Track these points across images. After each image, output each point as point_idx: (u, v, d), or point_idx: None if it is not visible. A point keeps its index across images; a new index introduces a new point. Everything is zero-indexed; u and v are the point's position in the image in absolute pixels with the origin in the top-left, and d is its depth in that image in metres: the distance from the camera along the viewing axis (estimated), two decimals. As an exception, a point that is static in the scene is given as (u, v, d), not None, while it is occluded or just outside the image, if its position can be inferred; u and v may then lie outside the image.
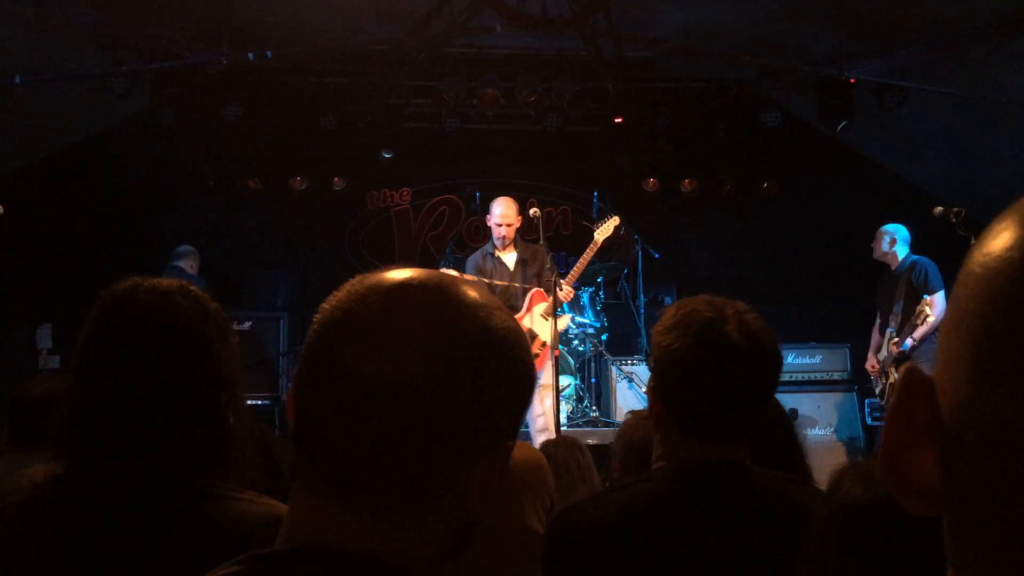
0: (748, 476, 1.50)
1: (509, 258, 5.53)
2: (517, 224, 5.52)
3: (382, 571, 0.73)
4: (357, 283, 0.78)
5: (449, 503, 0.76)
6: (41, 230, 7.30)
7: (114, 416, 1.21)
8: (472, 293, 0.79)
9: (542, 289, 5.41)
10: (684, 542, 1.42)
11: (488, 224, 5.59)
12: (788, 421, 2.13)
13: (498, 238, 5.46)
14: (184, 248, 7.02)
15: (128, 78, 6.44)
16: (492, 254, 5.55)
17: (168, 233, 7.57)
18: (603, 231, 5.68)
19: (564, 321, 5.37)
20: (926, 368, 0.48)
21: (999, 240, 0.45)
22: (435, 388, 0.72)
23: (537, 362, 5.20)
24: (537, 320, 5.33)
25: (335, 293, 0.79)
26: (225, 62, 6.28)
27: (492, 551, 1.57)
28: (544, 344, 5.25)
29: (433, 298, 0.76)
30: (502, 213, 5.46)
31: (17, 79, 5.78)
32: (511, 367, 0.78)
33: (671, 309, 1.55)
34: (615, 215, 5.80)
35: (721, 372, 1.44)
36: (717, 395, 1.45)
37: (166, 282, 1.30)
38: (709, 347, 1.44)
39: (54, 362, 6.96)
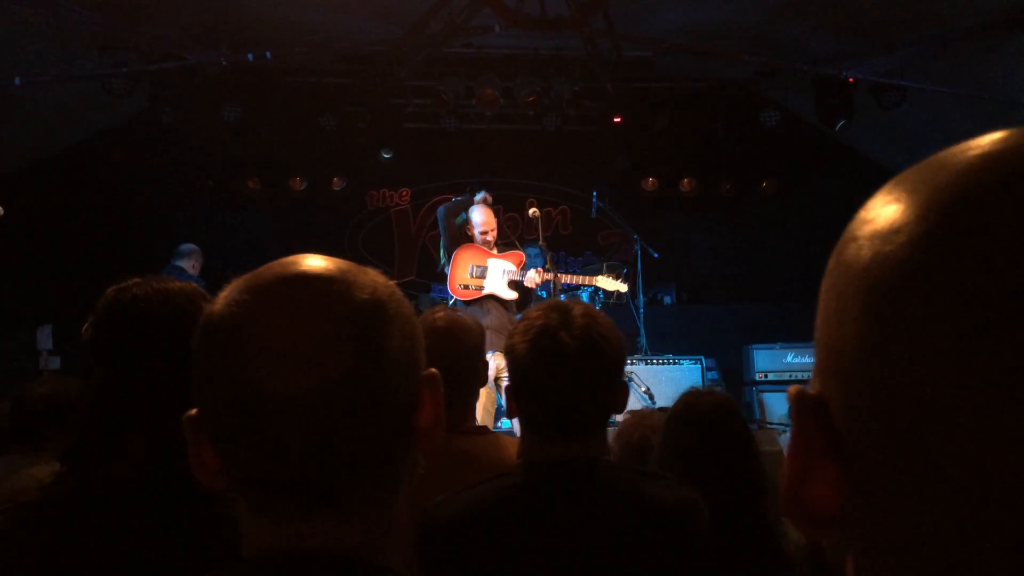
0: (598, 471, 1.55)
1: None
2: (495, 227, 5.57)
3: (355, 568, 0.73)
4: (243, 288, 0.74)
5: (404, 469, 0.78)
6: (41, 231, 7.31)
7: (132, 419, 1.21)
8: (353, 270, 0.77)
9: (523, 256, 5.45)
10: (531, 535, 1.46)
11: (469, 233, 5.56)
12: (749, 440, 2.14)
13: (483, 243, 5.48)
14: (187, 247, 6.83)
15: (128, 79, 6.45)
16: None
17: (168, 233, 7.58)
18: (607, 282, 5.67)
19: (511, 294, 5.39)
20: None
21: (882, 222, 0.40)
22: (354, 385, 0.71)
23: (466, 294, 5.31)
24: (496, 270, 5.36)
25: (220, 301, 0.75)
26: (225, 63, 6.29)
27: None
28: (481, 288, 5.31)
29: (322, 291, 0.73)
30: (484, 221, 5.46)
31: (17, 80, 5.78)
32: (409, 321, 0.78)
33: (528, 312, 1.63)
34: (627, 285, 5.80)
35: (553, 375, 1.52)
36: (553, 396, 1.53)
37: (177, 284, 1.30)
38: (543, 351, 1.52)
39: (55, 363, 6.96)
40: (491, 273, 5.36)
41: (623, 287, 5.69)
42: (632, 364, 6.49)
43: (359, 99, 7.47)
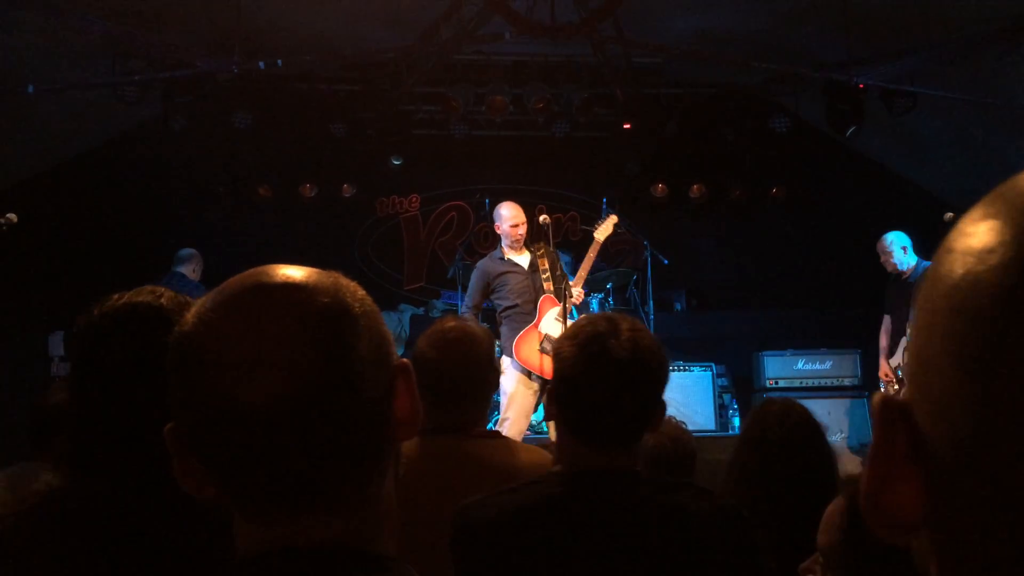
0: (635, 483, 1.59)
1: (522, 259, 5.50)
2: (525, 219, 5.50)
3: (351, 559, 0.75)
4: (208, 304, 0.77)
5: (386, 460, 0.80)
6: (53, 237, 7.35)
7: (119, 430, 1.22)
8: (315, 274, 0.79)
9: (551, 295, 5.37)
10: (572, 546, 1.50)
11: (499, 231, 5.52)
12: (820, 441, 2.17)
13: (515, 240, 5.40)
14: (186, 252, 6.71)
15: (139, 87, 6.50)
16: (503, 258, 5.50)
17: (179, 240, 7.59)
18: (603, 230, 5.68)
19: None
20: None
21: (977, 239, 0.40)
22: (326, 386, 0.73)
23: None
24: (553, 324, 5.28)
25: (189, 318, 0.77)
26: (236, 70, 6.31)
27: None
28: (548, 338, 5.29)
29: (284, 299, 0.75)
30: (515, 215, 5.40)
31: (30, 88, 5.83)
32: (375, 318, 0.80)
33: (578, 320, 1.69)
34: (613, 214, 5.80)
35: (602, 381, 1.55)
36: (598, 400, 1.56)
37: (146, 302, 1.28)
38: (594, 357, 1.56)
39: (66, 369, 6.98)
40: (551, 332, 5.25)
41: (614, 218, 5.71)
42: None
43: (369, 106, 7.50)
